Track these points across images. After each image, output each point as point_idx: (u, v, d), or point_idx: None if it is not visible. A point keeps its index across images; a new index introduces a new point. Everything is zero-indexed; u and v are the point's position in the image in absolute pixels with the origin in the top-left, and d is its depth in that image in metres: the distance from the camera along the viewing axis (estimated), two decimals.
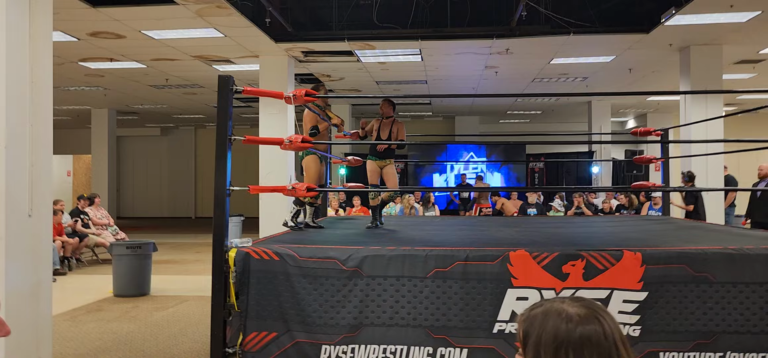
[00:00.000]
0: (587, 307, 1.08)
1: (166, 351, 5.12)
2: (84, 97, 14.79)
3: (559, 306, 1.10)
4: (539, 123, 20.54)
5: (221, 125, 4.24)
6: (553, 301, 1.13)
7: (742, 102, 15.97)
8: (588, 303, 1.10)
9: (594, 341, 1.05)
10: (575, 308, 1.08)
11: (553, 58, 10.35)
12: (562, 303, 1.11)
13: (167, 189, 23.48)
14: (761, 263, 3.59)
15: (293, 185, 4.50)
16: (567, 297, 1.13)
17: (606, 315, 1.07)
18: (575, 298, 1.13)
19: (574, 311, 1.08)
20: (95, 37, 8.89)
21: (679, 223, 6.51)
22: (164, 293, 7.83)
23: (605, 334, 1.06)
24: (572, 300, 1.12)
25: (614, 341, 1.05)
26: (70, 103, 16.01)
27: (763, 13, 7.78)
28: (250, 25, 8.23)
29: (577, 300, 1.11)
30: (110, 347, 5.27)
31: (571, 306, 1.10)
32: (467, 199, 14.01)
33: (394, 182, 6.02)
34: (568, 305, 1.10)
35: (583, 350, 1.05)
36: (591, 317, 1.06)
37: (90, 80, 12.43)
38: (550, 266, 3.67)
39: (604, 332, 1.06)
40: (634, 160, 6.96)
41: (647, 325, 3.58)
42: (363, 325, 3.81)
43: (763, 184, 8.78)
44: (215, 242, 4.18)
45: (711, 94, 9.65)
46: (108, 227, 11.16)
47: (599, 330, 1.06)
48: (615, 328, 1.07)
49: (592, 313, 1.07)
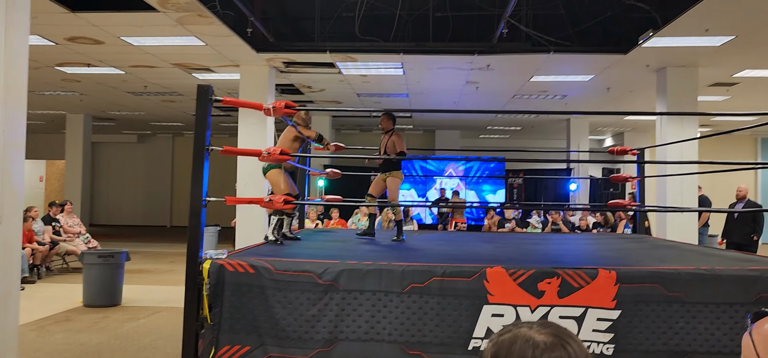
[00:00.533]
0: (554, 334, 1.08)
1: None
2: (59, 102, 14.57)
3: (527, 332, 1.10)
4: (519, 139, 20.73)
5: (199, 135, 4.19)
6: (521, 326, 1.12)
7: (717, 124, 16.28)
8: (556, 330, 1.10)
9: None
10: (542, 335, 1.08)
11: (533, 75, 10.45)
12: (529, 329, 1.10)
13: (143, 197, 23.17)
14: (732, 283, 3.64)
15: (270, 197, 4.46)
16: (536, 322, 1.13)
17: (573, 342, 1.07)
18: (544, 323, 1.13)
19: (541, 338, 1.07)
20: (73, 42, 8.77)
21: (654, 241, 6.58)
22: (136, 304, 7.70)
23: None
24: (541, 326, 1.11)
25: None
26: (45, 108, 15.75)
27: (737, 38, 7.95)
28: (232, 35, 8.18)
29: (545, 326, 1.11)
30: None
31: (538, 333, 1.09)
32: (446, 214, 14.04)
33: (393, 195, 6.08)
34: (536, 332, 1.10)
35: None
36: (557, 345, 1.06)
37: (66, 85, 12.25)
38: (526, 283, 3.68)
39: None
40: (611, 178, 7.04)
41: (621, 344, 3.60)
42: (338, 340, 3.77)
43: (741, 205, 8.95)
44: (189, 253, 4.12)
45: (686, 116, 9.83)
46: (80, 234, 10.97)
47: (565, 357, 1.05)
48: (581, 355, 1.06)
49: (558, 340, 1.07)
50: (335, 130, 18.61)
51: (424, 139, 21.06)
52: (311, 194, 13.25)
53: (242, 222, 10.08)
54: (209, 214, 4.45)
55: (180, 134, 22.47)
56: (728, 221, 9.21)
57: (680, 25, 7.42)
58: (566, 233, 11.29)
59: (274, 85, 10.56)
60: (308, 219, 10.21)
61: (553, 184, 18.32)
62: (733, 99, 12.22)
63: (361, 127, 19.52)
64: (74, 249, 10.28)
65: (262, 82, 10.05)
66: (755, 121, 12.64)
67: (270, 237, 5.23)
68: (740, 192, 9.06)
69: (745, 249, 7.87)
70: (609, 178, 7.47)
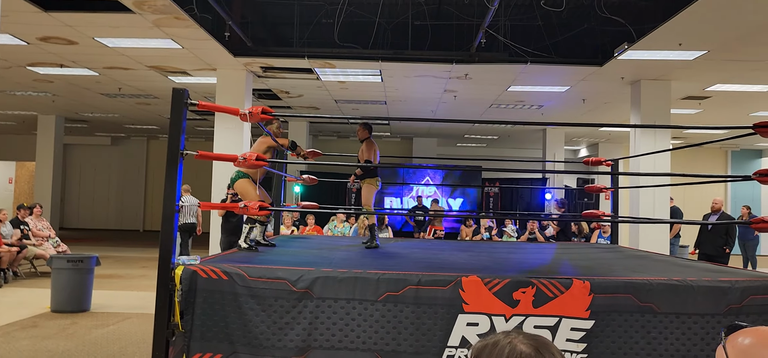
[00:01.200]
0: (535, 346, 1.10)
1: None
2: (31, 102, 14.27)
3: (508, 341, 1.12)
4: (496, 148, 20.87)
5: (173, 139, 4.12)
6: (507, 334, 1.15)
7: (689, 136, 16.59)
8: (538, 342, 1.12)
9: None
10: (524, 345, 1.10)
11: (510, 85, 10.53)
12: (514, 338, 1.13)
13: (115, 201, 22.79)
14: (703, 294, 3.68)
15: (245, 203, 4.41)
16: (522, 332, 1.16)
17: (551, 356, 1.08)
18: (528, 334, 1.15)
19: (522, 347, 1.10)
20: (46, 42, 8.60)
21: (627, 251, 6.66)
22: (105, 310, 7.54)
23: None
24: (525, 336, 1.14)
25: None
26: (16, 108, 15.42)
27: (709, 52, 8.11)
28: (209, 38, 8.10)
29: (529, 337, 1.13)
30: None
31: (521, 342, 1.12)
32: (422, 221, 14.05)
33: (366, 201, 6.17)
34: (519, 341, 1.12)
35: None
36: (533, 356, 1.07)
37: (38, 85, 12.00)
38: (501, 293, 3.68)
39: None
40: (586, 188, 7.12)
41: (594, 353, 3.62)
42: (311, 347, 3.74)
43: (715, 217, 9.11)
44: (161, 259, 4.05)
45: (659, 128, 9.99)
46: (49, 238, 10.73)
47: None
48: None
49: (536, 352, 1.08)
50: (312, 136, 18.53)
51: (401, 147, 21.09)
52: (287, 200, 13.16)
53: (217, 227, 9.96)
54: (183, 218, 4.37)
55: (155, 137, 22.18)
56: (701, 232, 9.38)
57: (655, 39, 7.55)
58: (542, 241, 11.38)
59: (251, 89, 10.48)
60: (283, 225, 10.13)
61: (529, 193, 18.48)
62: (705, 112, 12.46)
63: (339, 133, 19.48)
64: (43, 253, 10.06)
65: (239, 87, 9.97)
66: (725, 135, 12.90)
67: (243, 245, 5.17)
68: (715, 205, 9.25)
69: (717, 260, 8.02)
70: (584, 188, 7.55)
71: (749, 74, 9.27)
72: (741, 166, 19.09)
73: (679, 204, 11.01)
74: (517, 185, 18.64)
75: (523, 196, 18.84)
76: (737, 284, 3.74)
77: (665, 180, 9.05)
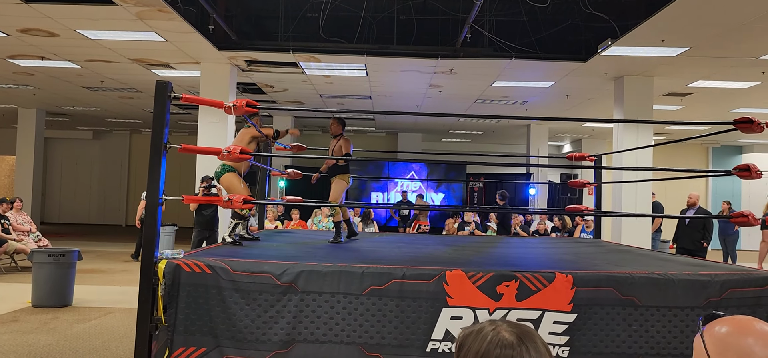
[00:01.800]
0: (518, 335, 1.12)
1: None
2: (11, 95, 14.06)
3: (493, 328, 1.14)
4: (480, 143, 20.95)
5: (157, 132, 4.09)
6: (492, 323, 1.16)
7: (671, 132, 16.78)
8: (522, 331, 1.13)
9: None
10: (507, 333, 1.12)
11: (495, 80, 10.58)
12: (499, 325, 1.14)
13: (97, 195, 22.55)
14: (683, 287, 3.74)
15: (230, 196, 4.39)
16: (508, 321, 1.16)
17: (533, 345, 1.10)
18: (513, 323, 1.16)
19: (504, 335, 1.11)
20: (26, 34, 8.47)
21: (609, 246, 6.73)
22: (87, 305, 7.47)
23: None
24: (509, 325, 1.14)
25: None
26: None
27: (692, 49, 8.20)
28: (193, 31, 8.03)
29: (515, 326, 1.14)
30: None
31: (505, 330, 1.13)
32: (407, 216, 14.07)
33: (335, 196, 6.07)
34: (503, 329, 1.13)
35: None
36: (516, 345, 1.09)
37: (18, 78, 11.83)
38: (485, 286, 3.70)
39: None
40: (569, 183, 7.18)
41: (576, 346, 3.66)
42: (295, 341, 3.73)
43: (692, 211, 9.22)
44: (144, 252, 4.02)
45: (642, 123, 10.10)
46: (30, 233, 10.60)
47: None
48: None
49: (519, 340, 1.10)
50: None
51: (387, 142, 21.10)
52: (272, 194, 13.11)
53: None
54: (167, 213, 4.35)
55: (138, 131, 21.96)
56: (679, 227, 9.49)
57: (637, 35, 7.62)
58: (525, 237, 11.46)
59: (235, 83, 10.42)
60: (268, 220, 10.09)
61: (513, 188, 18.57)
62: (687, 109, 12.61)
63: (324, 128, 19.43)
64: (23, 248, 9.93)
65: (224, 81, 9.91)
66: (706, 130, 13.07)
67: (227, 239, 5.15)
68: (691, 199, 9.34)
69: (695, 254, 8.12)
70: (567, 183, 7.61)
71: (731, 71, 9.40)
72: (722, 162, 19.35)
73: (661, 199, 11.15)
74: (502, 180, 18.72)
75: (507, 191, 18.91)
76: (717, 277, 3.80)
77: (647, 175, 9.15)
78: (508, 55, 8.72)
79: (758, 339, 1.14)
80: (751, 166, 4.25)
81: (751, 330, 1.16)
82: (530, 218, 13.87)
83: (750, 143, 19.13)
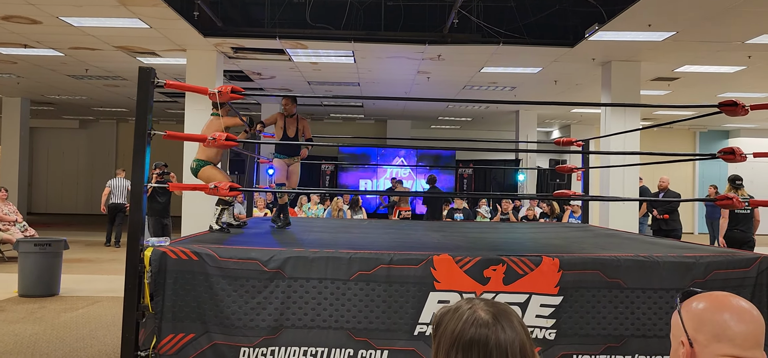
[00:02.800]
0: (494, 313, 1.10)
1: (72, 355, 4.84)
2: None
3: (469, 306, 1.13)
4: (469, 130, 20.98)
5: (140, 119, 4.06)
6: (469, 301, 1.15)
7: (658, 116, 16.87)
8: (498, 309, 1.11)
9: (482, 346, 1.07)
10: (483, 312, 1.11)
11: (483, 66, 10.57)
12: (475, 304, 1.13)
13: (84, 185, 22.37)
14: (668, 270, 3.77)
15: (216, 184, 4.36)
16: (486, 300, 1.15)
17: (509, 324, 1.08)
18: (489, 302, 1.14)
19: (479, 314, 1.10)
20: (7, 21, 8.35)
21: (597, 230, 6.77)
22: (74, 294, 7.43)
23: (498, 342, 1.07)
24: (485, 303, 1.13)
25: (506, 351, 1.06)
26: None
27: (678, 33, 8.23)
28: (178, 18, 7.95)
29: (491, 305, 1.13)
30: (11, 350, 4.94)
31: (481, 309, 1.12)
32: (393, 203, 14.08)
33: (297, 180, 5.97)
34: (480, 308, 1.12)
35: (471, 352, 1.07)
36: (490, 323, 1.08)
37: (2, 67, 11.67)
38: (472, 271, 3.71)
39: (497, 340, 1.07)
40: (557, 169, 7.20)
41: (562, 328, 3.68)
42: (283, 327, 3.73)
43: (662, 195, 9.40)
44: (130, 240, 4.00)
45: (629, 108, 10.14)
46: (16, 223, 10.50)
47: (492, 337, 1.07)
48: (514, 338, 1.07)
49: (494, 319, 1.09)
50: None
51: (375, 129, 21.07)
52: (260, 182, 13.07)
53: (188, 211, 9.88)
54: None
55: (124, 120, 21.77)
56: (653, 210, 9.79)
57: (624, 19, 7.63)
58: (514, 221, 11.51)
59: (222, 71, 10.34)
60: (256, 207, 10.07)
61: (502, 174, 18.64)
62: (674, 94, 12.67)
63: (312, 115, 19.37)
64: (9, 238, 9.84)
65: (210, 68, 9.83)
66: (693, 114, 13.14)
67: (214, 227, 5.12)
68: (662, 183, 9.58)
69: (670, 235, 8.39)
70: (555, 168, 7.64)
71: (717, 55, 9.44)
72: (709, 147, 19.49)
73: (648, 184, 11.21)
74: (491, 166, 18.78)
75: (496, 177, 19.00)
76: (701, 259, 3.84)
77: (635, 159, 9.21)
78: (496, 40, 8.71)
79: (733, 314, 1.16)
80: (736, 149, 4.28)
81: (727, 305, 1.18)
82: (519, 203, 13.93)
83: (737, 128, 19.28)
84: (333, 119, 19.82)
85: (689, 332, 1.17)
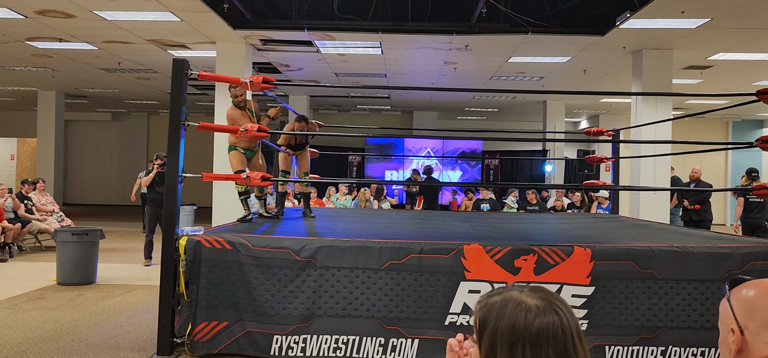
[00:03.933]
0: (545, 298, 1.06)
1: (110, 341, 4.96)
2: (31, 78, 14.22)
3: (518, 296, 1.06)
4: (496, 121, 20.82)
5: (175, 109, 4.14)
6: (511, 289, 1.08)
7: (690, 106, 16.53)
8: (546, 294, 1.06)
9: (551, 335, 1.01)
10: (534, 299, 1.05)
11: (510, 56, 10.47)
12: (520, 292, 1.06)
13: (117, 176, 22.82)
14: (703, 260, 3.72)
15: (247, 174, 4.43)
16: (525, 285, 1.10)
17: (564, 307, 1.04)
18: (533, 287, 1.09)
19: (533, 302, 1.05)
20: (43, 16, 8.54)
21: (627, 221, 6.69)
22: (111, 282, 7.61)
23: (563, 327, 1.02)
24: (531, 290, 1.07)
25: (571, 335, 1.02)
26: (16, 84, 15.37)
27: (713, 20, 8.05)
28: (208, 10, 8.05)
29: (535, 290, 1.07)
30: (52, 336, 5.09)
31: (530, 297, 1.06)
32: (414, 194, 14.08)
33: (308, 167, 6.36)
34: (527, 296, 1.06)
35: (540, 344, 1.01)
36: (549, 309, 1.03)
37: (37, 61, 11.95)
38: (503, 260, 3.72)
39: (561, 325, 1.02)
40: (586, 159, 7.13)
41: (594, 319, 3.67)
42: (315, 315, 3.79)
43: (693, 185, 9.27)
44: (165, 230, 4.09)
45: (661, 97, 9.96)
46: (53, 213, 10.78)
47: (557, 323, 1.02)
48: (572, 321, 1.04)
49: (550, 305, 1.04)
50: (313, 110, 18.49)
51: (402, 120, 21.06)
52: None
53: (219, 201, 10.03)
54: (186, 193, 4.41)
55: (155, 113, 22.13)
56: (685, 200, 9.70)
57: (657, 6, 7.48)
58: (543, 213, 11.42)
59: (251, 62, 10.44)
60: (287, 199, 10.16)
61: (529, 165, 18.48)
62: (707, 82, 12.40)
63: (340, 107, 19.43)
64: (47, 227, 10.11)
65: (239, 60, 9.93)
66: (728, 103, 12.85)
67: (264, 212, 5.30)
68: (694, 173, 9.49)
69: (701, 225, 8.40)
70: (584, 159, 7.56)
71: (753, 42, 9.21)
72: (742, 137, 19.02)
73: (680, 174, 11.02)
74: (518, 157, 18.63)
75: (523, 168, 18.85)
76: (738, 250, 3.78)
77: (666, 149, 9.05)
78: (524, 30, 8.63)
79: None
80: None
81: None
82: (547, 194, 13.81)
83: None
84: (360, 111, 19.87)
85: (739, 320, 1.16)
